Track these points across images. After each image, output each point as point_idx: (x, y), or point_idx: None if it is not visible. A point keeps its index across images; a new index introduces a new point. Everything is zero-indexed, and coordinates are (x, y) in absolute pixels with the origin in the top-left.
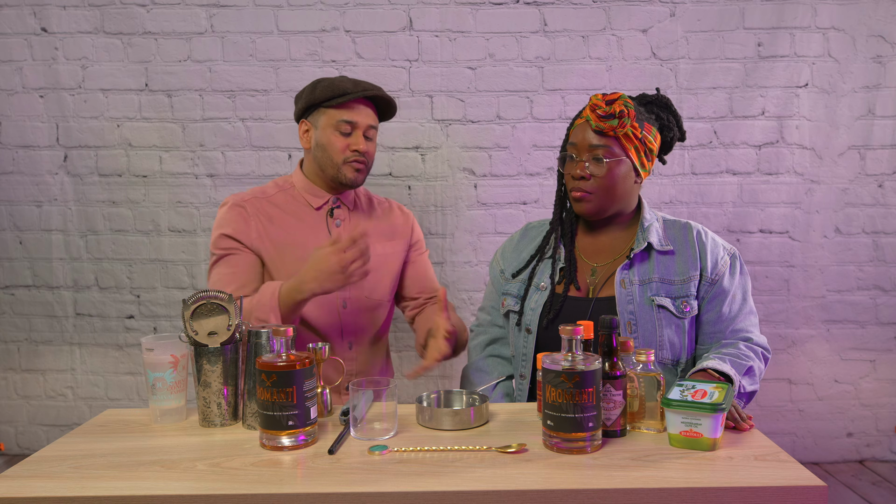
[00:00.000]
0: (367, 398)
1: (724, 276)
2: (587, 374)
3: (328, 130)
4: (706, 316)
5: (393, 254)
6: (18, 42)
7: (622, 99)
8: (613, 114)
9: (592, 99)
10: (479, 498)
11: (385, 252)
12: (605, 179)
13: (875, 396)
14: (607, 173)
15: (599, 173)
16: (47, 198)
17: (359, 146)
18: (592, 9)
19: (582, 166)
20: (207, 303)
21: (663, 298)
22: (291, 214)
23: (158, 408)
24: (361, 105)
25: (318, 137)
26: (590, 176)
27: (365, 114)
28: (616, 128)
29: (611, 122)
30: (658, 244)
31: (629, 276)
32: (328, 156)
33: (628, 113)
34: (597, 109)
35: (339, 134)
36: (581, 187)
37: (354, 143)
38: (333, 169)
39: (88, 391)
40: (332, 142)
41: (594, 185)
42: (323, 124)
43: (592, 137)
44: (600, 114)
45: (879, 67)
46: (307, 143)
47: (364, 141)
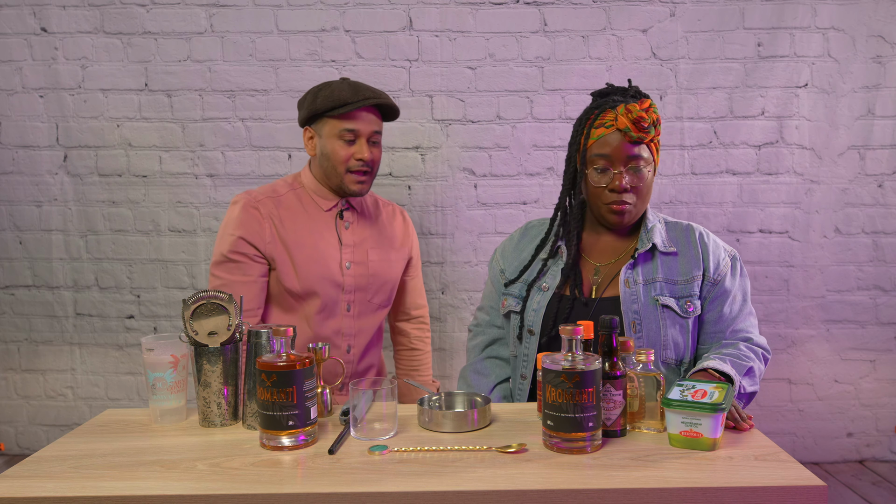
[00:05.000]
0: (367, 398)
1: (725, 277)
2: (587, 374)
3: (331, 140)
4: (707, 316)
5: (396, 261)
6: (18, 42)
7: (652, 105)
8: (652, 123)
9: (625, 109)
10: (479, 498)
11: (389, 259)
12: (643, 188)
13: (875, 396)
14: (647, 183)
15: (639, 183)
16: (47, 198)
17: (363, 155)
18: (592, 9)
19: (622, 178)
20: (207, 303)
21: (667, 298)
22: (302, 215)
23: (158, 408)
24: (364, 112)
25: (321, 146)
26: (632, 188)
27: (368, 120)
28: (654, 136)
29: (650, 131)
30: (662, 245)
31: (633, 276)
32: (332, 165)
33: (657, 118)
34: (641, 122)
35: (342, 143)
36: (625, 200)
37: (359, 153)
38: (337, 178)
39: (88, 391)
40: (335, 151)
41: (634, 196)
42: (326, 133)
43: (631, 148)
44: (644, 125)
45: (879, 67)
46: (312, 150)
47: (368, 149)
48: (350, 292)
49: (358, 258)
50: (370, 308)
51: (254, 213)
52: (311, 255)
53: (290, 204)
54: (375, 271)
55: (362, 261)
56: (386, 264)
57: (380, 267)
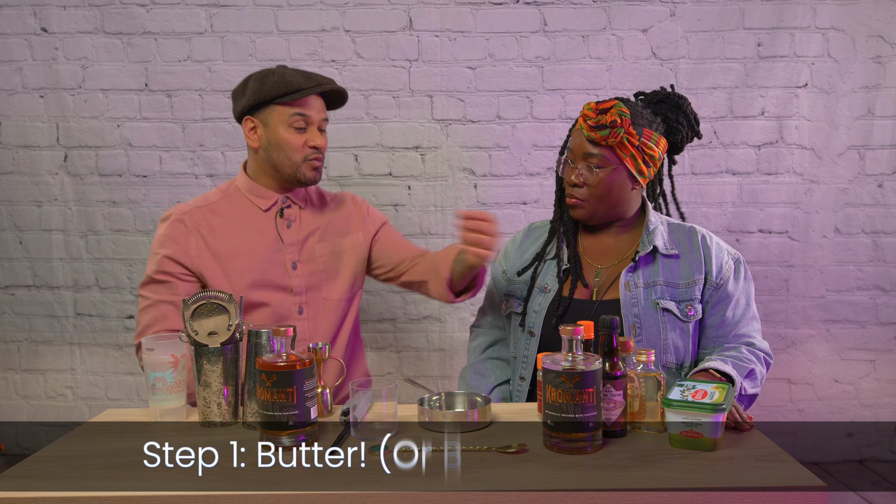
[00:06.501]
0: (367, 398)
1: (728, 280)
2: (587, 374)
3: (281, 128)
4: (709, 320)
5: (351, 248)
6: (18, 42)
7: (616, 108)
8: (605, 124)
9: (585, 108)
10: (479, 498)
11: (341, 248)
12: (597, 188)
13: (875, 396)
14: (599, 182)
15: (592, 181)
16: (47, 198)
17: (316, 142)
18: (592, 9)
19: (576, 173)
20: (207, 303)
21: (668, 302)
22: (236, 221)
23: (158, 408)
24: (313, 98)
25: (269, 136)
26: (583, 183)
27: (318, 107)
28: (608, 138)
29: (602, 132)
30: (663, 248)
31: (634, 279)
32: (285, 154)
33: (622, 122)
34: (588, 119)
35: (293, 130)
36: (574, 194)
37: (311, 140)
38: (291, 168)
39: (88, 391)
40: (287, 140)
41: (587, 192)
42: (274, 121)
43: (587, 146)
44: (591, 124)
45: (879, 67)
46: (255, 141)
47: (320, 135)
48: (301, 293)
49: (304, 255)
50: (328, 306)
51: (179, 229)
52: (247, 264)
53: (223, 211)
54: (326, 266)
55: (309, 257)
56: (337, 255)
57: (331, 260)
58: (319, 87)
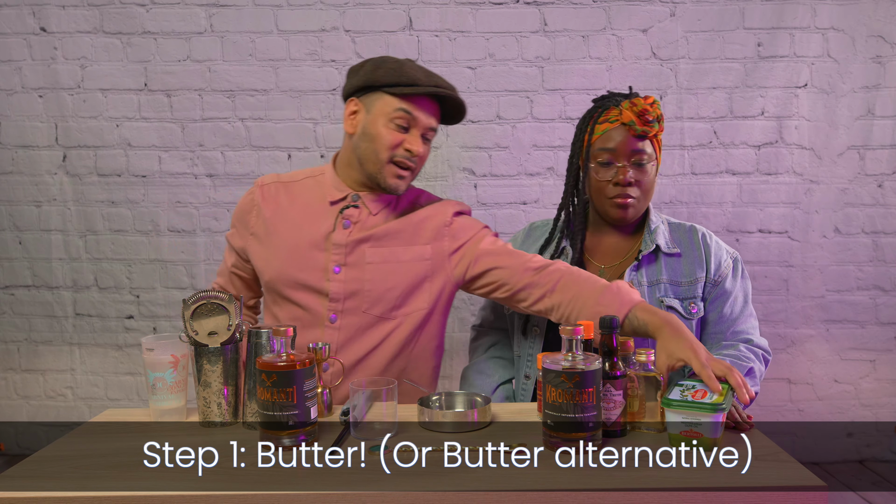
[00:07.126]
0: (367, 398)
1: (726, 278)
2: (587, 374)
3: (381, 119)
4: (708, 317)
5: (411, 260)
6: (18, 42)
7: (656, 102)
8: (656, 118)
9: (629, 104)
10: (479, 498)
11: (398, 259)
12: (647, 184)
13: (875, 396)
14: (649, 177)
15: (643, 178)
16: (47, 198)
17: (413, 146)
18: (592, 9)
19: (626, 172)
20: (207, 303)
21: (672, 300)
22: (300, 207)
23: (158, 408)
24: (427, 101)
25: (366, 124)
26: (635, 182)
27: (429, 111)
28: (657, 132)
29: (654, 126)
30: (665, 246)
31: (638, 278)
32: (373, 149)
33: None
34: (646, 115)
35: (393, 126)
36: (629, 194)
37: (410, 143)
38: (374, 165)
39: (88, 391)
40: (381, 134)
41: (638, 190)
42: (377, 110)
43: (636, 142)
44: (650, 118)
45: (879, 68)
46: (351, 126)
47: (421, 143)
48: (338, 300)
49: (352, 260)
50: (366, 320)
51: (248, 200)
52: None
53: (296, 192)
54: (373, 276)
55: (356, 263)
56: (390, 266)
57: (379, 271)
58: (436, 89)
